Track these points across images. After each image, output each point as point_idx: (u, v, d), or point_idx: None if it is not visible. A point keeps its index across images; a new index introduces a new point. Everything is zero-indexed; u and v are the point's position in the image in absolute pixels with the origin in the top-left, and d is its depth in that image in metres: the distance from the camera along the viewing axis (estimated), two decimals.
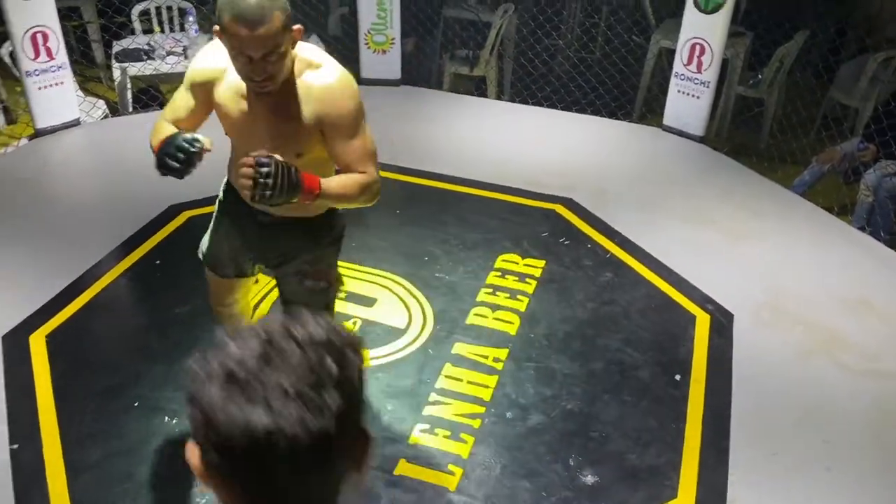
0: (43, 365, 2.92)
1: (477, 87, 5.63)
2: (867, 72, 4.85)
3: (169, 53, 4.92)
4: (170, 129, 1.93)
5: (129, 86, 4.94)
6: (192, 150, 1.77)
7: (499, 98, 5.52)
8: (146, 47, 4.94)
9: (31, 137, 4.62)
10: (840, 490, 2.52)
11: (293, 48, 1.80)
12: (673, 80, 4.79)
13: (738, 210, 4.09)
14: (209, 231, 2.34)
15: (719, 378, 2.97)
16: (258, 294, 3.26)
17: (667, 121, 4.90)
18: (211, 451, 0.75)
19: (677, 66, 4.73)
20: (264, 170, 1.66)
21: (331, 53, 5.96)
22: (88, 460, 2.53)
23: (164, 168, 1.79)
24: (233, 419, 0.71)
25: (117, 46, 5.03)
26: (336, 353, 0.74)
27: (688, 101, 4.76)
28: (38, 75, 4.47)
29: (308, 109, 1.86)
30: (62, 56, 4.53)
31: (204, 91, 1.97)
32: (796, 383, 2.97)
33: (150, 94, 5.12)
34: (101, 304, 3.27)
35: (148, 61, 4.88)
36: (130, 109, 4.98)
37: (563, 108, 5.20)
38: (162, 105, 5.12)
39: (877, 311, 3.37)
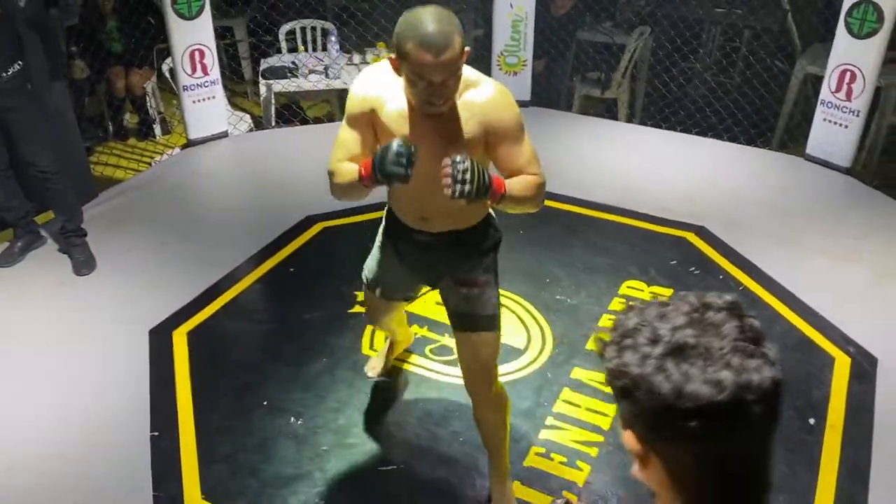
0: (183, 360, 3.12)
1: (608, 110, 5.56)
2: None
3: (311, 72, 5.17)
4: (353, 167, 1.96)
5: (273, 101, 5.23)
6: (412, 151, 1.81)
7: (630, 121, 5.43)
8: (290, 65, 5.21)
9: (184, 147, 4.98)
10: None
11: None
12: (819, 108, 4.55)
13: (887, 247, 3.81)
14: (375, 259, 2.38)
15: (859, 426, 2.77)
16: None
17: (810, 150, 4.66)
18: (669, 426, 0.77)
19: (825, 94, 4.49)
20: (462, 166, 1.76)
21: None
22: (219, 453, 2.68)
23: (391, 176, 1.82)
24: (701, 385, 0.75)
25: (264, 64, 5.34)
26: (744, 314, 0.81)
27: (834, 131, 4.50)
28: (193, 90, 4.81)
29: (472, 125, 1.93)
30: (216, 72, 4.86)
31: (367, 120, 2.00)
32: None
33: (292, 111, 5.39)
34: (238, 306, 3.46)
35: (291, 79, 5.15)
36: (273, 124, 5.27)
37: (697, 134, 5.05)
38: (304, 121, 5.39)
39: None
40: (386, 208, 2.29)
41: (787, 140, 5.11)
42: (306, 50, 5.57)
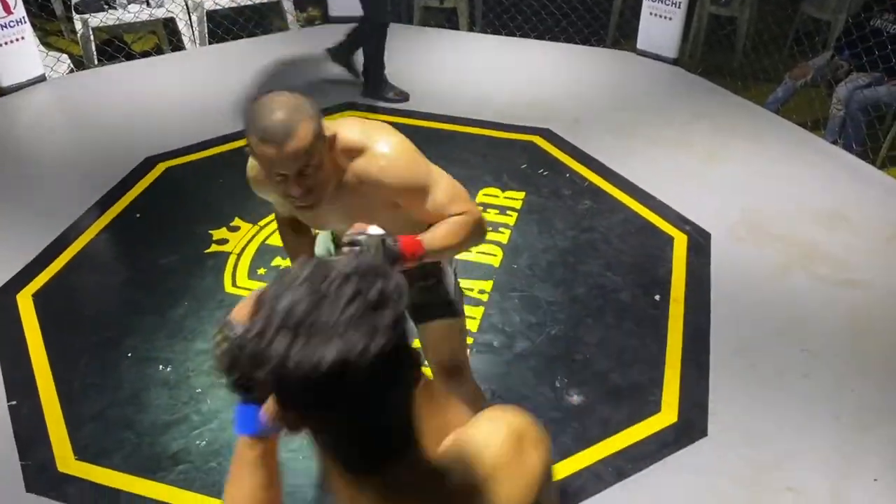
0: (32, 323, 2.94)
1: (448, 20, 5.55)
2: None
3: (130, 2, 4.80)
4: (299, 242, 2.00)
5: (92, 38, 4.83)
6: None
7: (471, 30, 5.45)
8: None
9: None
10: (817, 395, 2.63)
11: (332, 151, 1.64)
12: (645, 3, 4.75)
13: (714, 131, 4.12)
14: None
15: (698, 296, 3.05)
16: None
17: (640, 45, 4.88)
18: (292, 398, 0.81)
19: None
20: (357, 249, 1.61)
21: None
22: (88, 412, 2.58)
23: None
24: (302, 360, 0.77)
25: None
26: (374, 277, 0.81)
27: (660, 24, 4.73)
28: None
29: (375, 196, 1.72)
30: (20, 10, 4.41)
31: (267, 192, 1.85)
32: (774, 297, 3.06)
33: (115, 46, 5.01)
34: (86, 259, 3.28)
35: (110, 11, 4.76)
36: (96, 62, 4.88)
37: (536, 38, 5.15)
38: (129, 56, 5.03)
39: (850, 222, 3.44)
40: None
41: (619, 37, 5.32)
42: None
